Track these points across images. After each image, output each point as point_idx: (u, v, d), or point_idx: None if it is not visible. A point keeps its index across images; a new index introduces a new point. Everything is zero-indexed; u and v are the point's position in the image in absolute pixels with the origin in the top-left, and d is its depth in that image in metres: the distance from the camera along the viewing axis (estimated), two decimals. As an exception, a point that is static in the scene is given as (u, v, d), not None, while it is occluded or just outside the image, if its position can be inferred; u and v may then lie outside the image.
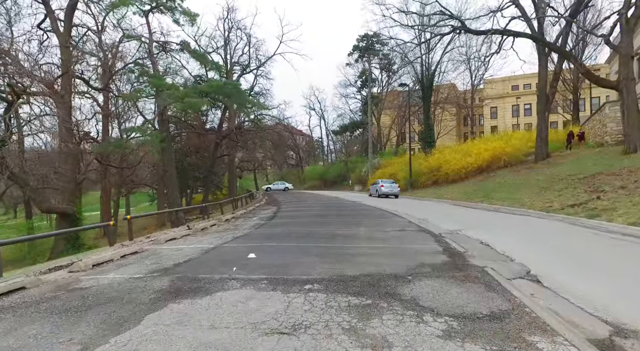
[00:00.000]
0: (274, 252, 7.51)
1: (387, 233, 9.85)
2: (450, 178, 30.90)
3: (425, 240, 8.66)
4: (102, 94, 31.25)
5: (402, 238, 8.93)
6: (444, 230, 10.12)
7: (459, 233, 9.50)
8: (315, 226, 11.71)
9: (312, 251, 7.39)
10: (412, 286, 4.80)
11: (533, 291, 4.58)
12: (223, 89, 16.31)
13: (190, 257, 7.27)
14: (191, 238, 10.05)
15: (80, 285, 5.29)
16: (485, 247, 7.54)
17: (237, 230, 11.50)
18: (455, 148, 35.60)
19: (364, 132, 58.72)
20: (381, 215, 14.85)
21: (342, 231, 10.31)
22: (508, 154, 28.39)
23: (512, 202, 17.90)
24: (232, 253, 7.47)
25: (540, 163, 24.72)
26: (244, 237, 9.77)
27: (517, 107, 71.15)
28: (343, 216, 14.70)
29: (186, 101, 14.44)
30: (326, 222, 12.62)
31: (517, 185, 21.69)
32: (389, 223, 12.17)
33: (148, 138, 16.11)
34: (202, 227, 12.04)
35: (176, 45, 19.27)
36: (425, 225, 11.50)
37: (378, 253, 7.06)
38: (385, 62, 51.67)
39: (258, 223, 13.35)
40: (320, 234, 9.85)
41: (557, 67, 24.10)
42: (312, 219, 13.88)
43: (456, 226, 10.81)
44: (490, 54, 24.21)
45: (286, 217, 15.12)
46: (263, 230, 11.17)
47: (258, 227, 12.00)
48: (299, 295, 4.56)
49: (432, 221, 12.44)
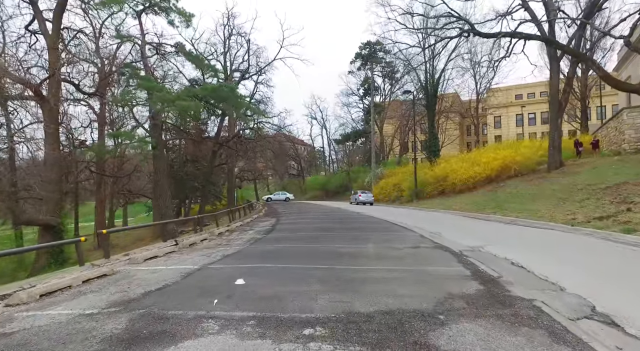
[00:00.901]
0: (268, 276, 6.27)
1: (399, 250, 8.60)
2: (458, 189, 29.64)
3: (446, 260, 7.41)
4: (98, 101, 30.49)
5: (418, 258, 7.68)
6: (464, 246, 8.87)
7: (481, 251, 8.25)
8: (317, 241, 10.48)
9: (313, 275, 6.14)
10: (449, 332, 3.56)
11: (617, 342, 3.33)
12: (218, 92, 15.17)
13: (166, 282, 6.03)
14: (175, 256, 8.82)
15: (4, 328, 4.05)
16: (519, 270, 6.29)
17: (230, 246, 10.27)
18: (462, 157, 34.38)
19: (366, 141, 57.72)
20: (389, 228, 13.61)
21: (348, 248, 9.07)
22: (518, 163, 27.16)
23: (529, 214, 16.61)
24: (217, 277, 6.23)
25: (554, 172, 23.47)
26: (235, 256, 8.52)
27: (521, 117, 70.52)
28: (348, 229, 13.45)
29: (178, 104, 13.33)
30: (329, 237, 11.38)
31: (532, 195, 20.42)
32: (400, 237, 10.93)
33: (135, 143, 14.97)
34: (191, 241, 10.81)
35: (170, 47, 18.34)
36: (440, 240, 10.26)
37: (394, 278, 5.82)
38: (389, 70, 50.88)
39: (254, 237, 12.11)
40: (322, 252, 8.61)
41: (569, 71, 23.05)
42: (313, 233, 12.64)
43: (476, 241, 9.56)
44: (499, 58, 23.13)
45: (285, 231, 13.88)
46: (258, 247, 9.92)
47: (253, 243, 10.76)
48: (296, 345, 3.33)
49: (446, 235, 11.19)
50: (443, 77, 42.58)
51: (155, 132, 17.29)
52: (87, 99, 30.53)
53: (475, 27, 22.00)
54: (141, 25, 17.37)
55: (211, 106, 17.80)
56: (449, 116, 56.25)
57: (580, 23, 20.39)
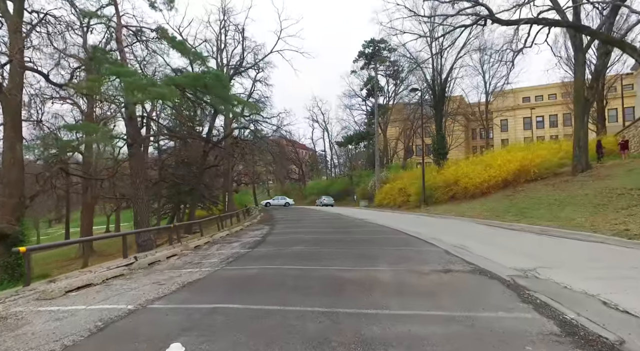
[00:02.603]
0: (226, 332, 3.90)
1: (425, 277, 6.24)
2: (470, 194, 27.23)
3: (500, 296, 5.03)
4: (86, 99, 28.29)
5: (458, 292, 5.31)
6: (510, 269, 6.52)
7: (540, 278, 5.90)
8: (313, 260, 8.13)
9: (300, 332, 3.79)
10: None
11: None
12: (201, 80, 12.90)
13: (59, 343, 3.69)
14: (117, 284, 6.45)
15: None
16: (631, 319, 3.92)
17: (200, 265, 7.92)
18: (473, 160, 31.99)
19: (369, 144, 55.39)
20: (402, 240, 11.22)
21: (353, 271, 6.73)
22: (537, 165, 24.74)
23: (562, 223, 14.23)
24: (144, 336, 3.87)
25: (580, 175, 21.03)
26: (197, 285, 6.16)
27: (529, 120, 68.75)
28: (352, 242, 11.08)
29: (150, 90, 11.07)
30: (329, 253, 9.01)
31: (559, 201, 18.00)
32: (419, 254, 8.57)
33: (98, 138, 12.63)
34: (153, 259, 8.47)
35: (151, 31, 16.08)
36: (472, 258, 7.91)
37: (432, 339, 3.47)
38: (393, 69, 48.56)
39: (236, 253, 9.75)
40: (318, 279, 6.26)
41: (598, 64, 20.67)
42: (310, 247, 10.29)
43: (521, 261, 7.23)
44: (518, 50, 20.82)
45: (276, 244, 11.50)
46: (234, 269, 7.55)
47: (232, 261, 8.40)
48: None
49: (476, 250, 8.86)
50: (450, 76, 40.30)
51: (131, 128, 15.01)
52: (72, 97, 28.55)
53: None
54: (116, 6, 15.12)
55: (196, 98, 15.52)
56: (455, 118, 54.01)
57: (612, 7, 18.08)
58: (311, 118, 67.48)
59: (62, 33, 16.00)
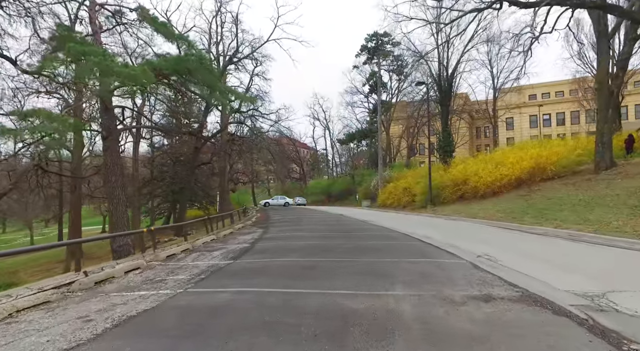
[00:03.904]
0: None
1: (459, 308, 4.45)
2: (480, 193, 25.40)
3: (585, 349, 3.26)
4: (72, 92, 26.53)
5: (517, 339, 3.52)
6: (572, 295, 4.78)
7: (623, 312, 4.13)
8: (307, 279, 6.35)
9: None
10: None
11: None
12: (183, 63, 11.10)
13: None
14: (23, 320, 4.63)
15: None
16: None
17: (159, 287, 6.15)
18: (482, 158, 30.14)
19: (371, 143, 53.54)
20: (417, 249, 9.40)
21: (360, 298, 4.94)
22: (554, 163, 22.88)
23: (596, 227, 12.44)
24: None
25: (605, 173, 19.19)
26: (133, 325, 4.33)
27: (535, 118, 67.10)
28: (356, 251, 9.27)
29: (120, 72, 9.29)
30: (328, 269, 7.22)
31: (585, 202, 16.19)
32: (441, 269, 6.78)
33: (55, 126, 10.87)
34: (105, 276, 6.70)
35: (130, 11, 14.25)
36: (509, 275, 6.16)
37: None
38: (397, 64, 46.65)
39: (214, 265, 7.96)
40: (310, 314, 4.48)
41: (625, 50, 18.84)
42: (304, 258, 8.51)
43: (577, 281, 5.49)
44: (537, 35, 18.96)
45: (265, 252, 9.71)
46: (200, 293, 5.73)
47: (203, 279, 6.61)
48: None
49: (509, 263, 7.12)
50: (457, 71, 38.42)
51: (106, 118, 13.23)
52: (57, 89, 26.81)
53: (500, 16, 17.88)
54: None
55: (186, 88, 13.70)
56: (461, 116, 52.17)
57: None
58: (312, 116, 65.64)
59: (29, 12, 14.28)
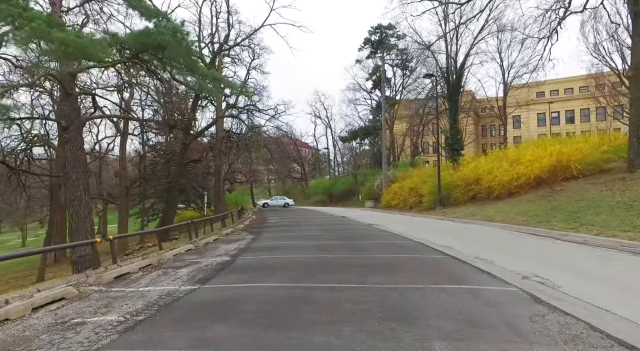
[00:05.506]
0: None
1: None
2: (495, 194, 23.28)
3: None
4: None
5: None
6: None
7: None
8: (293, 327, 4.27)
9: None
10: None
11: None
12: (152, 37, 9.04)
13: None
14: None
15: None
16: None
17: (59, 344, 4.11)
18: (496, 155, 27.96)
19: (374, 141, 51.42)
20: (440, 265, 7.33)
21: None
22: (579, 161, 20.70)
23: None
24: None
25: (640, 172, 17.08)
26: None
27: (543, 116, 65.27)
28: (365, 270, 7.13)
29: (61, 38, 7.25)
30: (327, 304, 5.15)
31: (626, 205, 14.03)
32: (487, 304, 4.71)
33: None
34: (22, 307, 4.67)
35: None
36: (588, 315, 4.09)
37: None
38: (402, 58, 44.50)
39: (171, 293, 5.91)
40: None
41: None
42: (296, 283, 6.44)
43: None
44: (560, 18, 16.87)
45: (246, 271, 7.62)
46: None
47: (139, 322, 4.55)
48: None
49: (576, 291, 5.06)
50: (465, 65, 36.20)
51: (66, 105, 11.25)
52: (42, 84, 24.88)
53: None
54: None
55: (156, 68, 11.63)
56: (468, 113, 50.04)
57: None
58: (313, 114, 63.59)
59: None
